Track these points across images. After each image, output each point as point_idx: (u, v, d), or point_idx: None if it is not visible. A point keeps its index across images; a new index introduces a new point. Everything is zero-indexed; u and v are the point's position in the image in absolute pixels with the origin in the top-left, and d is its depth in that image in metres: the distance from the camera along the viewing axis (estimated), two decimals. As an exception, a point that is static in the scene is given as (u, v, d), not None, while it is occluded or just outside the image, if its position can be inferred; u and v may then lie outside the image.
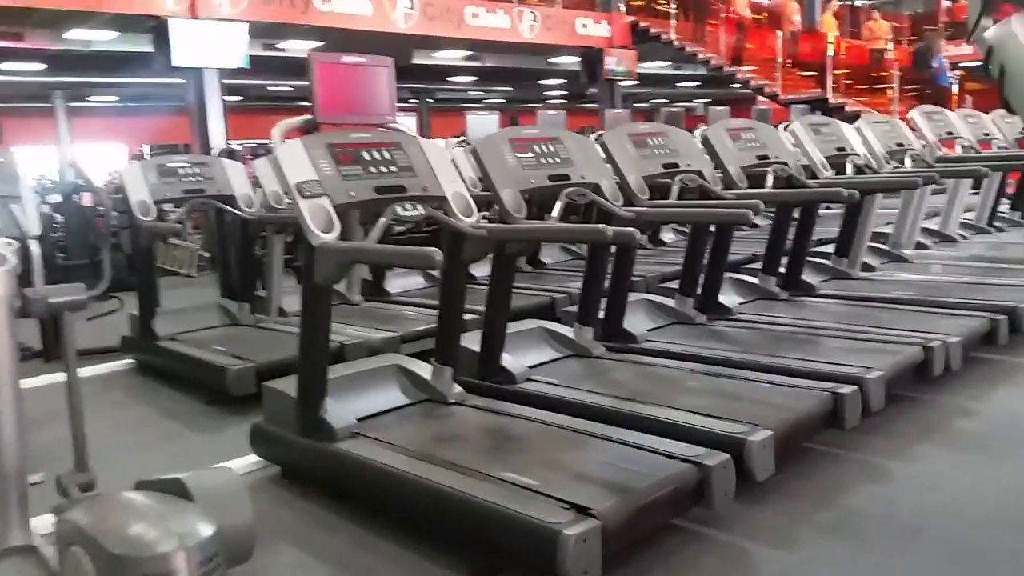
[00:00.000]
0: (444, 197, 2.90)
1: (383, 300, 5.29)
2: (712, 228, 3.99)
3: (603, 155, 3.68)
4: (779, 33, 13.19)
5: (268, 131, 2.84)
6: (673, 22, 13.82)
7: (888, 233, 5.61)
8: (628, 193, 3.54)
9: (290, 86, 16.53)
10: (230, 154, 7.17)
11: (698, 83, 18.92)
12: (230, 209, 4.70)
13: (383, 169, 2.82)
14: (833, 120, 5.04)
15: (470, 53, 13.52)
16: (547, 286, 5.17)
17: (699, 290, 4.08)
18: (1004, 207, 6.95)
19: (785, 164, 4.39)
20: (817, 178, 4.61)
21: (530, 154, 3.27)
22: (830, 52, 12.31)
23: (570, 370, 3.40)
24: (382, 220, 2.68)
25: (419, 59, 12.87)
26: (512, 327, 3.37)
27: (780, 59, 12.91)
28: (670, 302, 4.15)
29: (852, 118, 6.12)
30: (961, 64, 12.48)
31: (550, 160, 3.31)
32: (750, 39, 13.58)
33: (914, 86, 12.01)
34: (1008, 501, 2.44)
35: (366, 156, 2.81)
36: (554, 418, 2.80)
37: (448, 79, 16.61)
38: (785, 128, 4.96)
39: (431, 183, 2.89)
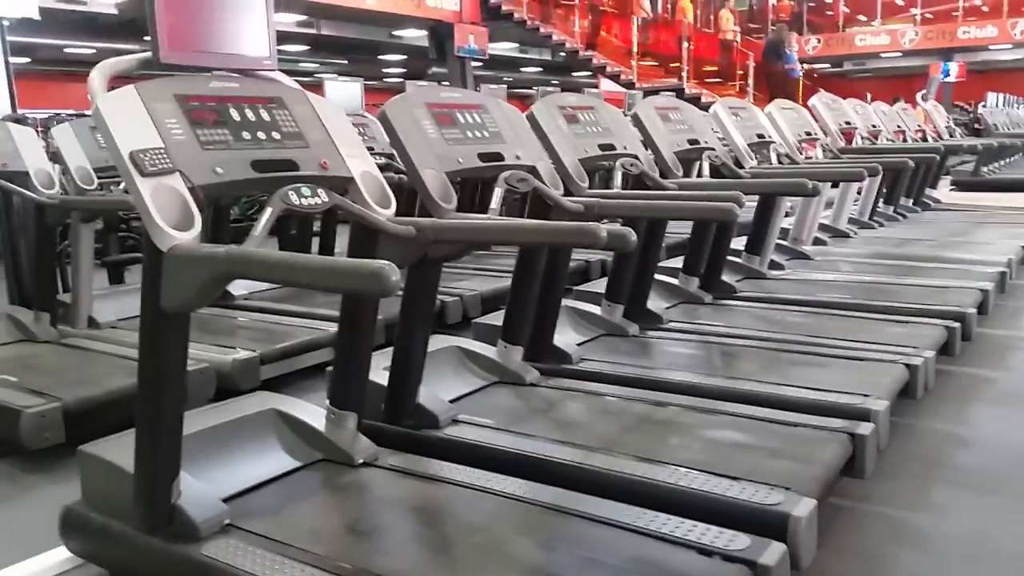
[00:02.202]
0: (351, 178, 2.06)
1: (224, 305, 4.26)
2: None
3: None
4: (634, 19, 12.95)
5: (62, 101, 1.86)
6: (525, 0, 13.24)
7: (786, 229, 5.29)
8: (565, 179, 2.82)
9: (92, 48, 14.45)
10: (17, 121, 5.78)
11: (541, 69, 18.54)
12: (19, 190, 3.55)
13: (262, 135, 1.94)
14: (750, 104, 4.56)
15: (304, 18, 12.27)
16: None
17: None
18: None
19: (713, 149, 3.85)
20: (742, 167, 4.10)
21: (454, 125, 2.47)
22: (686, 41, 12.21)
23: (502, 404, 2.64)
24: (268, 212, 1.80)
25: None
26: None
27: (635, 46, 12.67)
28: (595, 309, 3.49)
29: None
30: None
31: (478, 134, 2.52)
32: (605, 25, 13.26)
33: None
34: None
35: (235, 116, 1.92)
36: (502, 482, 2.05)
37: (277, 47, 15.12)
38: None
39: (331, 158, 2.04)
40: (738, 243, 4.52)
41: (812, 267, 4.86)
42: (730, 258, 4.53)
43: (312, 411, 2.30)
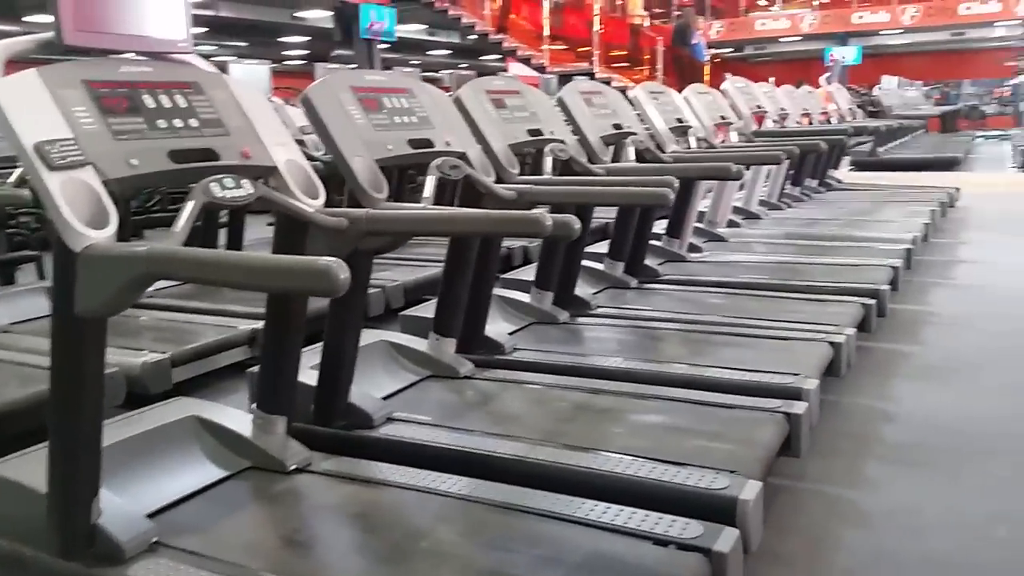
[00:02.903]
0: (275, 167, 1.94)
1: (131, 302, 4.00)
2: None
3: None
4: (544, 2, 12.91)
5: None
6: (434, -19, 13.01)
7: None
8: (496, 166, 2.75)
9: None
10: None
11: (450, 52, 18.35)
12: None
13: (179, 123, 1.80)
14: (668, 89, 4.59)
15: (202, -1, 11.79)
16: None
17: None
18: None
19: (636, 134, 3.85)
20: (663, 151, 4.12)
21: (381, 110, 2.36)
22: (596, 25, 12.26)
23: (438, 399, 2.57)
24: (190, 205, 1.67)
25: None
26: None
27: (547, 30, 12.65)
28: (524, 297, 3.44)
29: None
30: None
31: (407, 119, 2.42)
32: (514, 8, 13.18)
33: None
34: (1008, 537, 2.04)
35: (150, 102, 1.77)
36: (445, 482, 1.98)
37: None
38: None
39: (254, 146, 1.91)
40: (656, 227, 4.56)
41: (729, 249, 4.95)
42: (651, 242, 4.57)
43: (236, 416, 2.18)
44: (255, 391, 2.22)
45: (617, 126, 3.72)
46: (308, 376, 2.32)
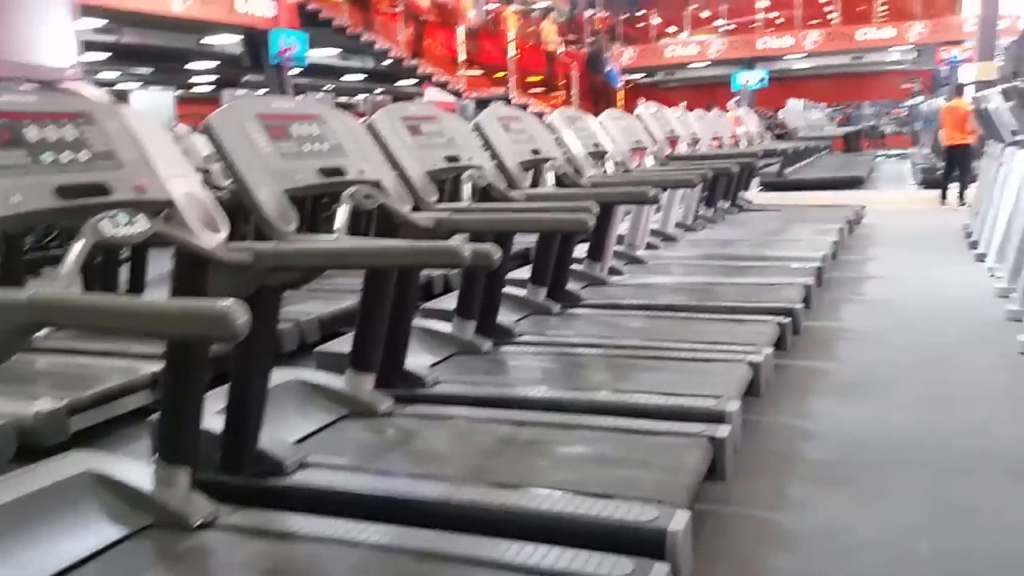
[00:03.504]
0: (170, 201, 1.83)
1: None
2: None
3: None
4: (458, 28, 12.94)
5: None
6: (346, 6, 12.87)
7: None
8: (412, 193, 2.68)
9: None
10: None
11: (365, 76, 18.19)
12: None
13: (67, 157, 1.67)
14: (585, 114, 4.61)
15: (104, 23, 11.32)
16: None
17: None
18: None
19: (554, 159, 3.83)
20: (581, 176, 4.12)
21: (289, 138, 2.26)
22: (512, 51, 12.35)
23: (355, 439, 2.46)
24: (79, 245, 1.54)
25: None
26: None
27: (463, 55, 12.65)
28: (445, 327, 3.36)
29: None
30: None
31: (317, 147, 2.33)
32: (428, 34, 13.16)
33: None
34: (931, 552, 2.06)
35: (34, 135, 1.64)
36: (364, 530, 1.87)
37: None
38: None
39: (149, 179, 1.80)
40: (577, 251, 4.56)
41: (648, 271, 4.99)
42: (572, 267, 4.56)
43: (136, 469, 2.03)
44: (156, 441, 2.07)
45: (536, 151, 3.70)
46: (214, 422, 2.19)
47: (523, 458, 2.25)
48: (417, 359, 3.05)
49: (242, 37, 12.16)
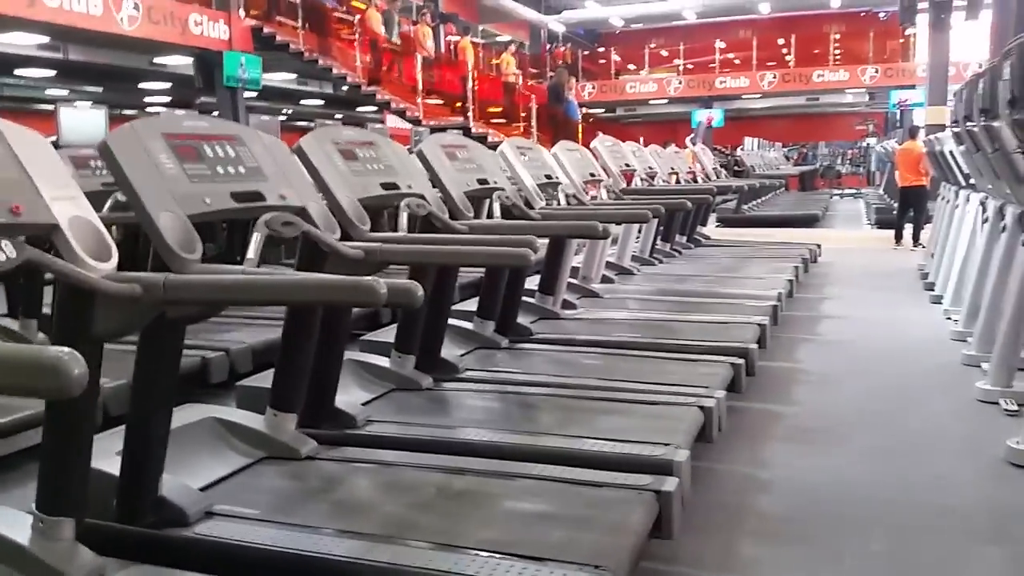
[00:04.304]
0: (56, 225, 1.62)
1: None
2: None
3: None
4: (418, 57, 12.83)
5: None
6: (301, 32, 12.68)
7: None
8: (343, 222, 2.49)
9: None
10: None
11: (324, 102, 17.97)
12: None
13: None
14: (537, 144, 4.48)
15: (47, 41, 10.96)
16: (192, 339, 3.79)
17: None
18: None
19: (503, 189, 3.67)
20: (531, 207, 3.97)
21: (200, 160, 2.06)
22: (470, 81, 12.27)
23: (270, 486, 2.23)
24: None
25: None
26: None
27: (421, 84, 12.53)
28: (384, 361, 3.15)
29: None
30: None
31: (232, 170, 2.13)
32: (387, 61, 13.02)
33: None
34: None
35: None
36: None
37: (16, 71, 13.37)
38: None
39: (27, 202, 1.59)
40: (530, 282, 4.39)
41: (603, 305, 4.84)
42: (524, 299, 4.39)
43: (13, 520, 1.79)
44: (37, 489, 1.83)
45: (482, 181, 3.53)
46: (110, 464, 1.96)
47: (454, 512, 2.05)
48: (349, 396, 2.84)
49: (194, 59, 11.88)
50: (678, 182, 7.48)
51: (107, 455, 1.98)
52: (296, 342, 2.43)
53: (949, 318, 5.10)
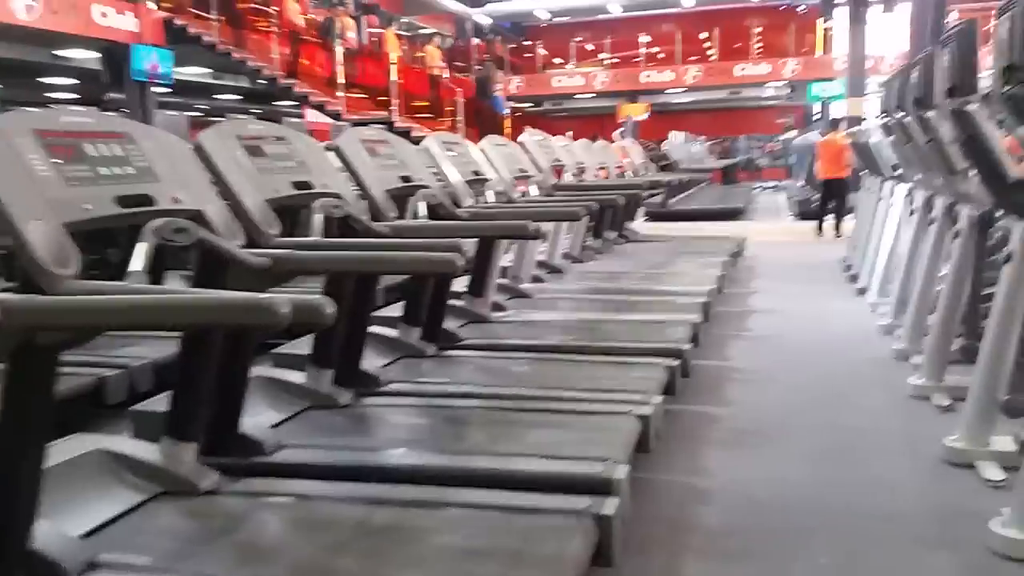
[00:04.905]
0: None
1: None
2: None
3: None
4: (337, 48, 12.44)
5: None
6: (216, 24, 12.17)
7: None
8: (248, 226, 2.26)
9: None
10: None
11: (241, 97, 17.38)
12: None
13: None
14: (464, 139, 4.29)
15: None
16: (86, 354, 3.49)
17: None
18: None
19: (429, 187, 3.48)
20: (459, 206, 3.78)
21: (81, 161, 1.82)
22: (394, 73, 11.96)
23: (165, 527, 1.99)
24: None
25: None
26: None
27: (341, 77, 12.16)
28: (298, 377, 2.92)
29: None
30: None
31: (117, 170, 1.89)
32: (306, 54, 12.60)
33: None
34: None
35: None
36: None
37: None
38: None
39: None
40: (458, 282, 4.21)
41: (533, 306, 4.68)
42: (451, 302, 4.20)
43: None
44: None
45: (406, 179, 3.33)
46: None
47: (374, 552, 1.86)
48: (258, 418, 2.60)
49: (100, 52, 11.29)
50: (607, 177, 7.39)
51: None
52: (195, 360, 2.18)
53: (875, 311, 5.13)
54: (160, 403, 2.59)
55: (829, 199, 9.87)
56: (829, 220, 9.87)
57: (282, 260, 2.13)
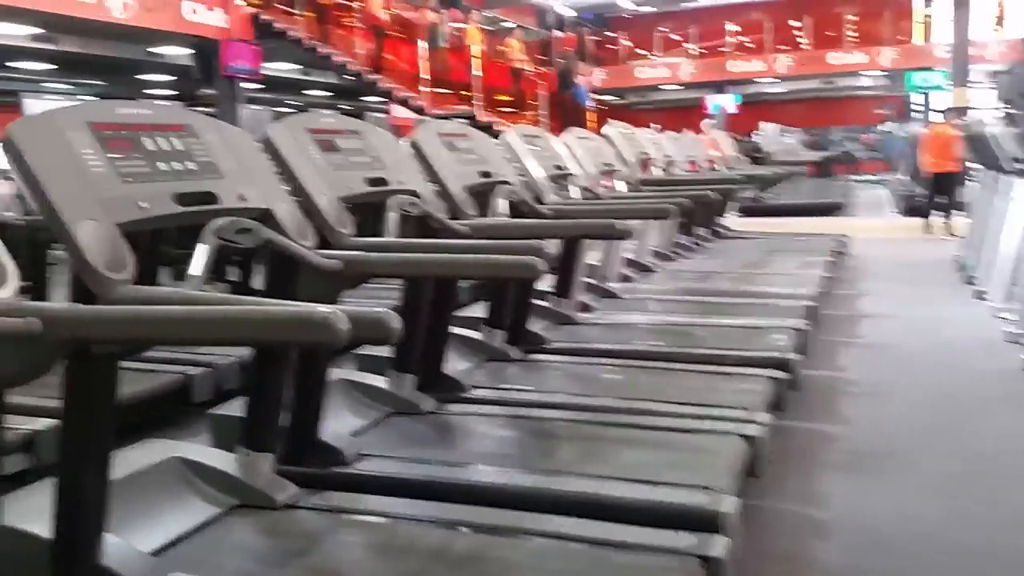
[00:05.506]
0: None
1: None
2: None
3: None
4: (421, 44, 12.39)
5: None
6: (301, 19, 12.26)
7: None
8: (320, 225, 2.10)
9: None
10: None
11: (330, 93, 17.58)
12: None
13: None
14: (546, 132, 4.07)
15: (40, 32, 10.59)
16: (172, 351, 3.42)
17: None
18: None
19: (510, 183, 3.27)
20: (542, 202, 3.56)
21: (135, 155, 1.67)
22: (476, 68, 11.83)
23: (239, 545, 1.85)
24: None
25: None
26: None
27: (426, 72, 12.10)
28: (380, 381, 2.76)
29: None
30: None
31: (177, 166, 1.75)
32: (389, 49, 12.59)
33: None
34: None
35: None
36: None
37: (7, 64, 13.03)
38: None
39: None
40: (543, 282, 3.98)
41: (622, 307, 4.43)
42: (536, 302, 3.99)
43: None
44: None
45: (486, 174, 3.13)
46: (39, 523, 1.59)
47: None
48: (339, 424, 2.45)
49: (191, 48, 11.53)
50: (697, 170, 7.05)
51: (35, 513, 1.61)
52: (268, 367, 2.04)
53: (999, 316, 4.67)
54: (240, 405, 2.48)
55: (938, 194, 9.24)
56: (937, 215, 9.24)
57: (354, 263, 1.95)
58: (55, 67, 13.05)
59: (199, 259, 1.63)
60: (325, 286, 1.96)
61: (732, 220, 9.16)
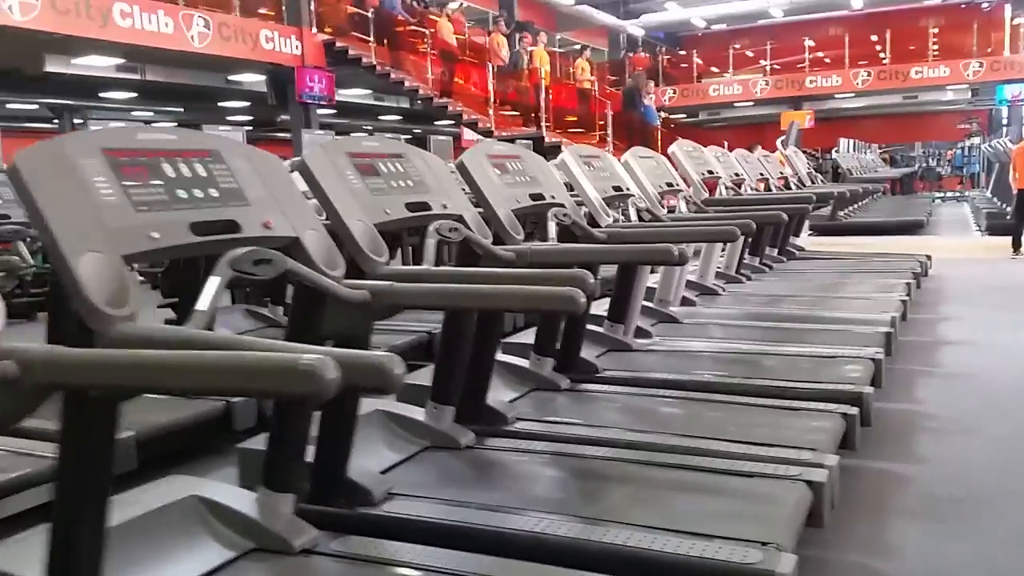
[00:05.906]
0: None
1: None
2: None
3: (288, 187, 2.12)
4: (489, 67, 12.43)
5: None
6: (373, 45, 12.45)
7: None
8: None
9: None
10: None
11: (401, 117, 17.82)
12: None
13: None
14: (605, 153, 3.93)
15: (122, 62, 11.03)
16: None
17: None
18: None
19: (562, 205, 3.15)
20: (597, 225, 3.43)
21: (151, 183, 1.61)
22: (544, 89, 11.80)
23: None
24: None
25: (54, 66, 10.15)
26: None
27: (492, 94, 12.13)
28: (417, 413, 2.66)
29: None
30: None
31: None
32: (460, 73, 12.68)
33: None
34: None
35: None
36: None
37: (100, 94, 13.65)
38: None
39: None
40: (599, 305, 3.83)
41: (682, 333, 4.24)
42: (590, 327, 3.83)
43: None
44: None
45: (537, 196, 3.02)
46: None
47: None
48: (370, 459, 2.36)
49: (266, 75, 11.83)
50: (767, 189, 6.79)
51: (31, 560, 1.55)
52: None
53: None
54: (263, 442, 2.41)
55: (1027, 212, 8.71)
56: (1027, 236, 8.70)
57: (382, 293, 1.85)
58: (137, 95, 13.58)
59: (208, 293, 1.55)
60: (352, 318, 1.87)
61: (806, 240, 8.84)
